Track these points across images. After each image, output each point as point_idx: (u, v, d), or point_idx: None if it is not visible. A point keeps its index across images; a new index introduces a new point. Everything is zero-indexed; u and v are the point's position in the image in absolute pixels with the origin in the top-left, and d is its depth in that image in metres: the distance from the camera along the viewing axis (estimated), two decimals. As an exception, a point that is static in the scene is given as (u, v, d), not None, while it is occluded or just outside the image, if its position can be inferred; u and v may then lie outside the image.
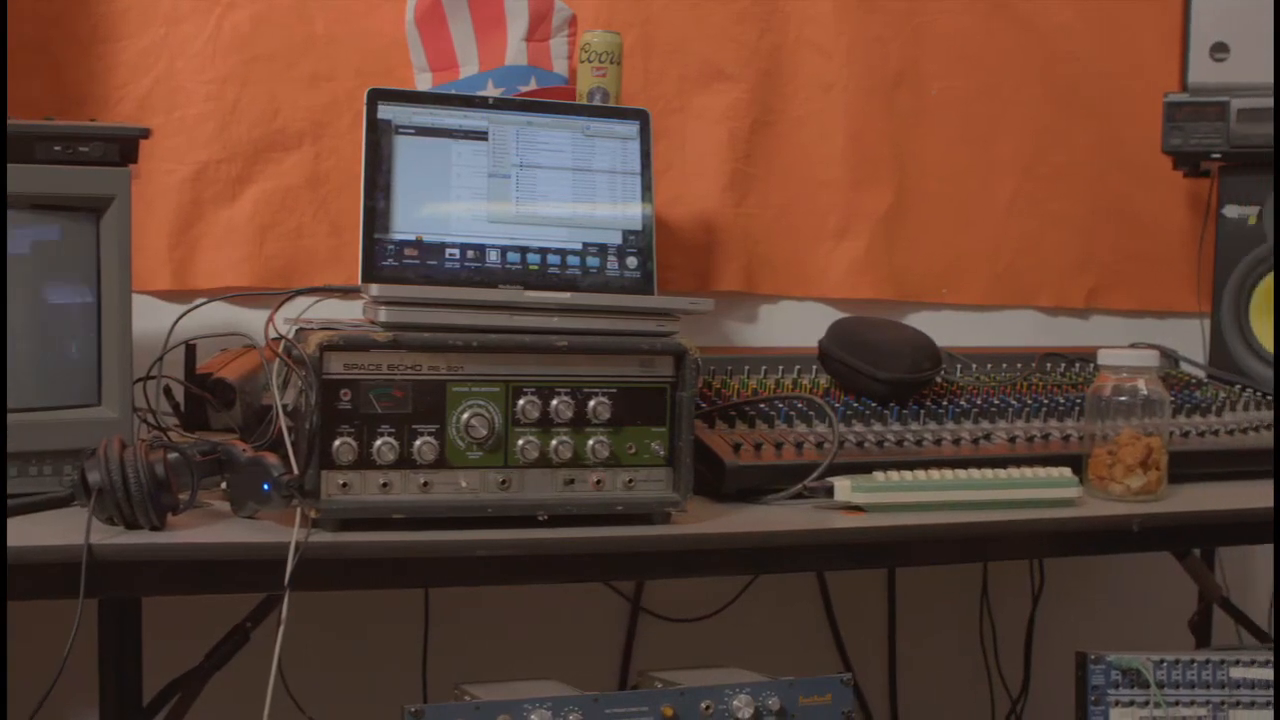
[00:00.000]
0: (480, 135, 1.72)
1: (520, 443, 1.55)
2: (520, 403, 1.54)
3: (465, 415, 1.53)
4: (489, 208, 1.71)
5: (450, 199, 1.69)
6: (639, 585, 2.38)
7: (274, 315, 1.59)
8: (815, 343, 2.02)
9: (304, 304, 1.74)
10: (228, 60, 2.13)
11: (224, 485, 1.53)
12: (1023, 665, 2.62)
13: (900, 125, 2.49)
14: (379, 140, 1.67)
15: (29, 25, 2.03)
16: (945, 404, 1.96)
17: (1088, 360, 2.21)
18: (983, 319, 2.57)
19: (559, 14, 2.09)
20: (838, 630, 2.51)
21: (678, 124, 2.35)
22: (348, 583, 1.56)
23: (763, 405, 1.87)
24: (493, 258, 1.70)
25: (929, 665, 2.58)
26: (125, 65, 2.10)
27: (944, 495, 1.73)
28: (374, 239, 1.65)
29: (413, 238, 1.67)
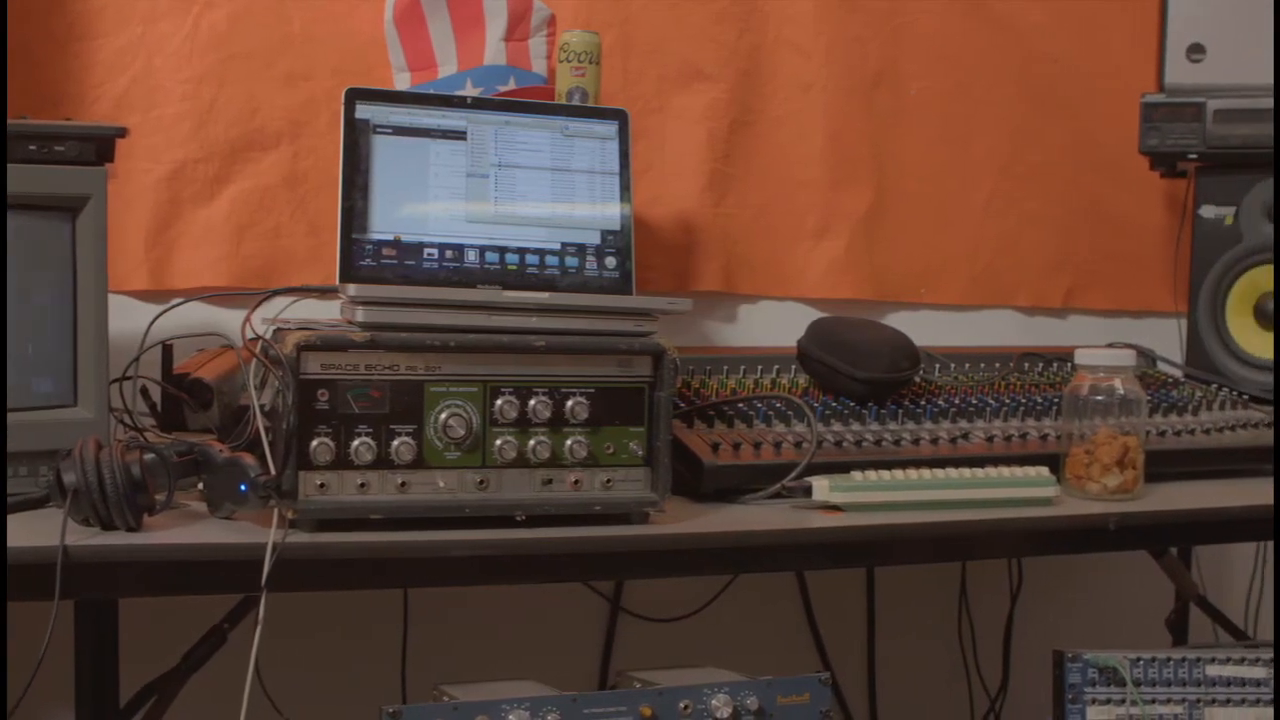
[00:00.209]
0: (459, 135, 1.72)
1: (498, 443, 1.54)
2: (498, 403, 1.54)
3: (443, 415, 1.52)
4: (467, 208, 1.71)
5: (429, 199, 1.69)
6: (618, 585, 2.38)
7: (251, 315, 1.59)
8: (794, 342, 2.03)
9: (282, 304, 1.74)
10: (205, 59, 2.12)
11: (201, 486, 1.52)
12: (1001, 664, 2.62)
13: (879, 125, 2.49)
14: (357, 140, 1.67)
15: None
16: (923, 403, 1.97)
17: (1065, 360, 2.22)
18: (961, 319, 2.58)
19: (538, 13, 2.09)
20: (817, 630, 2.51)
21: (657, 124, 2.35)
22: (325, 583, 1.56)
23: (741, 405, 1.88)
24: (471, 258, 1.70)
25: (908, 664, 2.59)
26: (102, 64, 2.09)
27: (922, 495, 1.74)
28: (352, 239, 1.65)
29: (391, 238, 1.67)
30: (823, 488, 1.71)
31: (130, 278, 2.09)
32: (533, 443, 1.55)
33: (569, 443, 1.57)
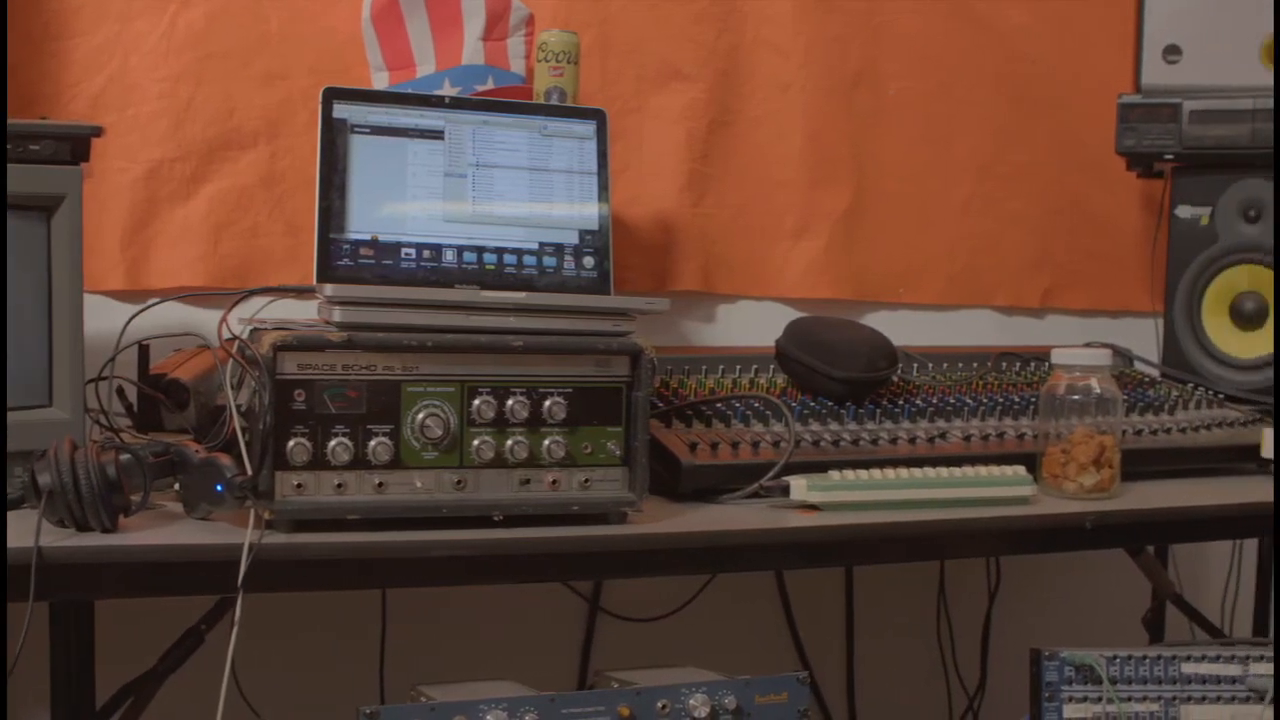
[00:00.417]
0: (437, 135, 1.72)
1: (476, 443, 1.54)
2: (476, 403, 1.54)
3: (420, 415, 1.52)
4: (445, 207, 1.70)
5: (406, 198, 1.69)
6: (597, 585, 2.38)
7: (228, 315, 1.58)
8: (773, 342, 2.03)
9: (259, 304, 1.73)
10: (182, 58, 2.12)
11: (177, 486, 1.52)
12: (979, 662, 2.63)
13: (858, 125, 2.50)
14: (335, 139, 1.66)
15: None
16: (901, 403, 1.97)
17: (1043, 359, 2.23)
18: (939, 318, 2.59)
19: (516, 13, 2.09)
20: (795, 629, 2.52)
21: (635, 124, 2.35)
22: (302, 584, 1.55)
23: (719, 404, 1.88)
24: (449, 257, 1.69)
25: (886, 663, 2.59)
26: (78, 63, 2.08)
27: (899, 494, 1.74)
28: (329, 238, 1.64)
29: (368, 237, 1.66)
30: (800, 487, 1.71)
31: (106, 277, 2.08)
32: (510, 443, 1.55)
33: (547, 443, 1.57)
